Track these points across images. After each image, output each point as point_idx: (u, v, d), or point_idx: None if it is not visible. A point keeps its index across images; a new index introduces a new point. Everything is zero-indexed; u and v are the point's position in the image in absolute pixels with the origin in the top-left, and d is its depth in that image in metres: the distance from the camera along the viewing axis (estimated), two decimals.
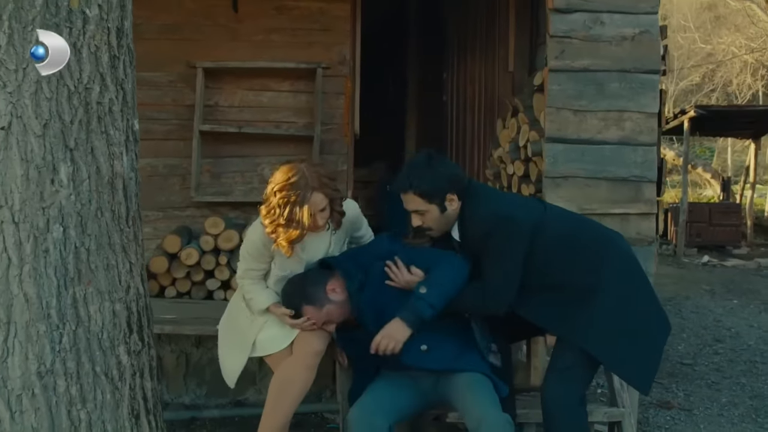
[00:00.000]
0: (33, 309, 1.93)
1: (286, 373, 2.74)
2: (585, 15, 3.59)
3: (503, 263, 2.53)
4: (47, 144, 1.95)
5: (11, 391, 1.92)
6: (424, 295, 2.50)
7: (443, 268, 2.58)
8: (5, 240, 1.92)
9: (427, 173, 2.60)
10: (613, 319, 2.58)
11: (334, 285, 2.62)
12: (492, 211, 2.57)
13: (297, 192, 2.51)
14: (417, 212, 2.64)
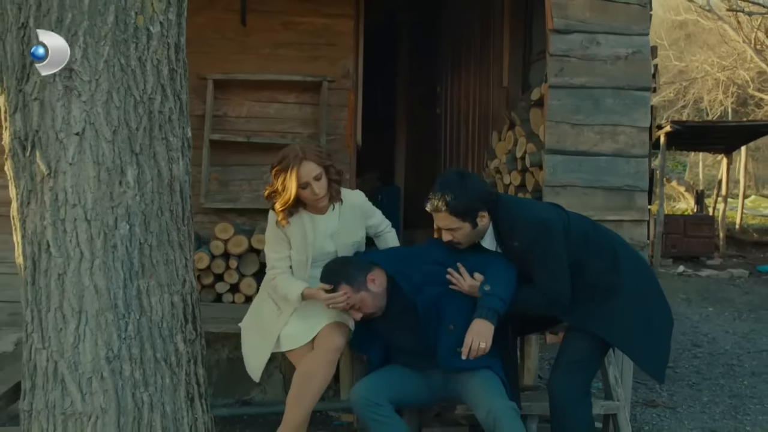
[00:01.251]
0: (102, 299, 2.11)
1: (308, 368, 2.91)
2: (582, 36, 3.84)
3: (553, 264, 2.73)
4: (116, 148, 2.14)
5: (82, 374, 2.10)
6: (490, 292, 2.68)
7: (497, 267, 2.78)
8: (78, 236, 2.10)
9: (461, 193, 2.74)
10: (632, 314, 2.82)
11: (375, 276, 2.81)
12: (529, 217, 2.76)
13: (287, 161, 2.78)
14: (450, 230, 2.79)
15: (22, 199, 2.18)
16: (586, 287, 2.80)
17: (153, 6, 2.22)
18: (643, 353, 2.90)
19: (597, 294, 2.81)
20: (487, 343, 2.63)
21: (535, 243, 2.72)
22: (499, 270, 2.77)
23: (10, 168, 2.23)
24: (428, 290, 2.79)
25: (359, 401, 2.80)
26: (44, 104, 2.11)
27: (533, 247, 2.73)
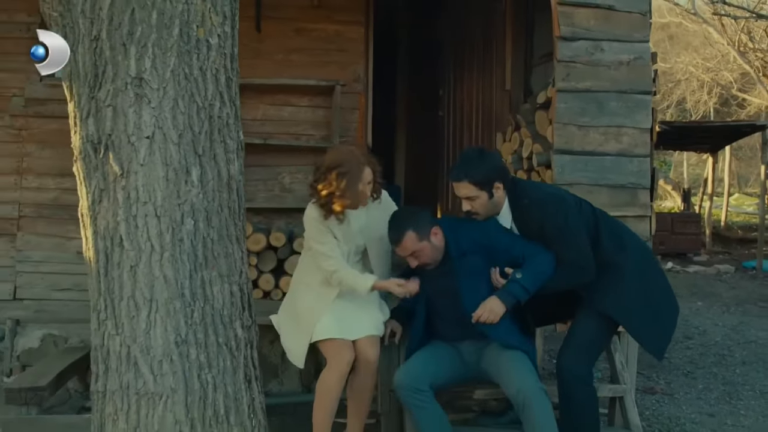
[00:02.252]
0: (171, 289, 2.31)
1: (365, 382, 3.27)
2: (587, 43, 4.07)
3: (571, 236, 3.01)
4: (182, 150, 2.34)
5: (153, 357, 2.29)
6: (520, 280, 2.96)
7: (538, 259, 3.02)
8: (149, 231, 2.30)
9: (480, 164, 3.08)
10: (637, 294, 3.07)
11: (438, 231, 3.08)
12: (545, 194, 3.10)
13: (350, 165, 3.02)
14: (468, 198, 3.09)
15: (94, 197, 2.37)
16: (597, 266, 3.04)
17: (212, 20, 2.42)
18: (644, 331, 3.15)
19: (605, 273, 3.05)
20: (494, 320, 2.96)
21: (552, 217, 3.00)
22: (538, 264, 3.02)
23: (81, 169, 2.42)
24: (472, 258, 3.06)
25: (404, 387, 3.06)
26: (117, 110, 2.30)
27: (550, 221, 3.01)
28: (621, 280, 3.07)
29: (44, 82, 5.04)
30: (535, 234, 3.07)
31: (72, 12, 2.40)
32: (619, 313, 3.08)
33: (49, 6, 2.50)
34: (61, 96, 4.95)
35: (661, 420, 4.51)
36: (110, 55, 2.31)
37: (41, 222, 5.01)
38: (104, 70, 2.32)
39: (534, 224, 3.06)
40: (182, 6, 2.36)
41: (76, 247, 4.96)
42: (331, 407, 3.24)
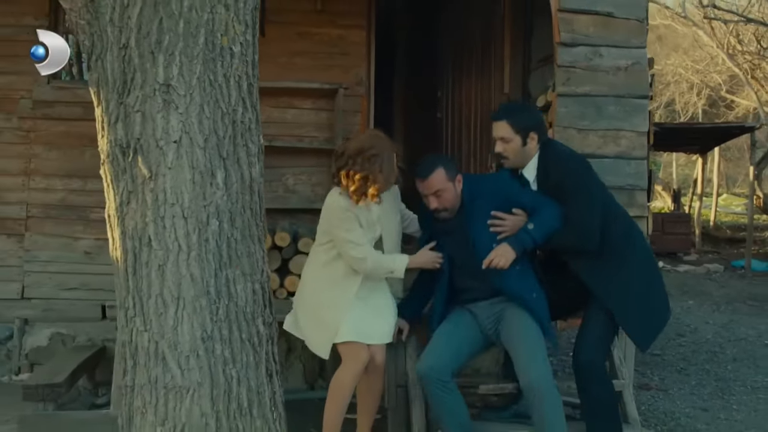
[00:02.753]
0: (197, 287, 2.41)
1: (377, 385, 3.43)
2: (586, 49, 4.19)
3: (585, 198, 3.19)
4: (207, 154, 2.44)
5: (181, 353, 2.39)
6: (530, 231, 3.15)
7: (548, 211, 3.21)
8: (176, 231, 2.40)
9: (522, 110, 3.43)
10: (637, 286, 3.22)
11: (461, 180, 3.29)
12: (571, 152, 3.37)
13: (380, 148, 3.17)
14: (502, 139, 3.31)
15: (122, 199, 2.46)
16: (604, 252, 3.20)
17: (234, 28, 2.52)
18: (633, 321, 3.28)
19: (610, 262, 3.21)
20: (505, 264, 3.12)
21: (573, 173, 3.22)
22: (548, 214, 3.22)
23: (109, 171, 2.52)
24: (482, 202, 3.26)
25: (429, 380, 3.20)
26: (146, 115, 2.40)
27: (570, 177, 3.21)
28: (624, 272, 3.21)
29: (52, 85, 5.13)
30: (553, 192, 3.25)
31: (100, 20, 2.49)
32: (614, 302, 3.21)
33: (77, 14, 2.59)
34: (68, 98, 5.10)
35: (657, 414, 4.65)
36: (139, 62, 2.41)
37: (49, 222, 5.09)
38: (133, 77, 2.41)
39: (554, 179, 3.24)
40: (207, 15, 2.45)
41: (83, 247, 5.09)
42: (344, 405, 3.35)
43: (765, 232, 14.24)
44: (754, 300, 9.16)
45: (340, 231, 3.20)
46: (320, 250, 3.35)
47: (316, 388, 4.87)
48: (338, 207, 3.20)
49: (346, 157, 3.18)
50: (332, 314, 3.23)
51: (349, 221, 3.18)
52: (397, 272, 3.23)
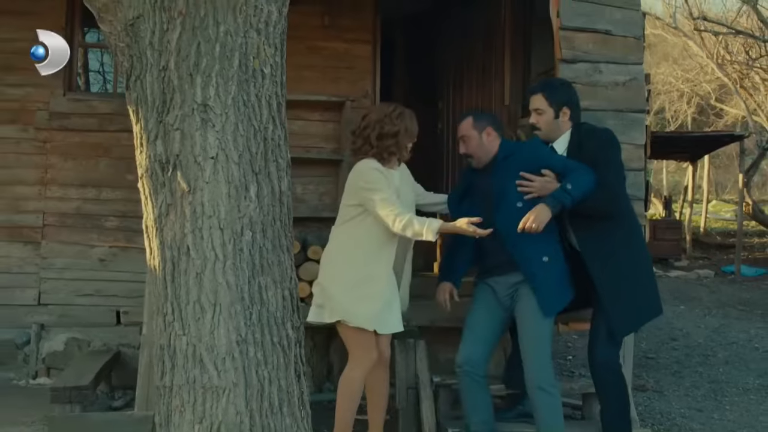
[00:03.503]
0: (232, 293, 2.57)
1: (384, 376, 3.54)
2: (586, 65, 4.39)
3: (617, 169, 3.55)
4: (241, 169, 2.61)
5: (217, 355, 2.55)
6: (569, 190, 3.35)
7: (582, 172, 3.45)
8: (213, 241, 2.56)
9: (558, 86, 3.78)
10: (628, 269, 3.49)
11: (491, 133, 3.62)
12: (607, 130, 3.68)
13: (401, 108, 3.52)
14: (537, 111, 3.62)
15: (160, 211, 2.63)
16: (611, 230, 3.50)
17: (265, 51, 2.70)
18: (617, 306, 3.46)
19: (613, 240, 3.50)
20: (538, 226, 3.27)
21: (607, 144, 3.55)
22: (584, 175, 3.43)
23: (147, 185, 2.68)
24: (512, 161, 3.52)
25: (464, 370, 3.49)
26: (184, 133, 2.56)
27: (603, 149, 3.52)
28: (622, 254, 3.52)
29: (67, 97, 5.28)
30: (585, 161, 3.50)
31: (139, 44, 2.66)
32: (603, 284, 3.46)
33: (116, 37, 2.76)
34: (83, 110, 5.26)
35: (653, 415, 4.84)
36: (178, 83, 2.58)
37: (64, 230, 5.25)
38: (172, 97, 2.58)
39: (588, 149, 3.52)
40: (241, 39, 2.63)
41: (97, 255, 5.24)
42: (355, 403, 3.49)
43: (754, 238, 14.52)
44: (744, 305, 9.39)
45: (374, 191, 3.33)
46: (349, 226, 3.43)
47: (324, 390, 5.03)
48: (372, 168, 3.39)
49: (375, 121, 3.46)
50: (376, 287, 3.37)
51: (383, 181, 3.35)
52: (427, 237, 3.24)
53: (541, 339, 3.40)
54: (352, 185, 3.47)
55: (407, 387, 4.03)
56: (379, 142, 3.43)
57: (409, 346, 4.03)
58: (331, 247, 3.51)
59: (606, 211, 3.48)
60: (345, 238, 3.45)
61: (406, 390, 4.04)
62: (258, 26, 2.68)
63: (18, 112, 5.23)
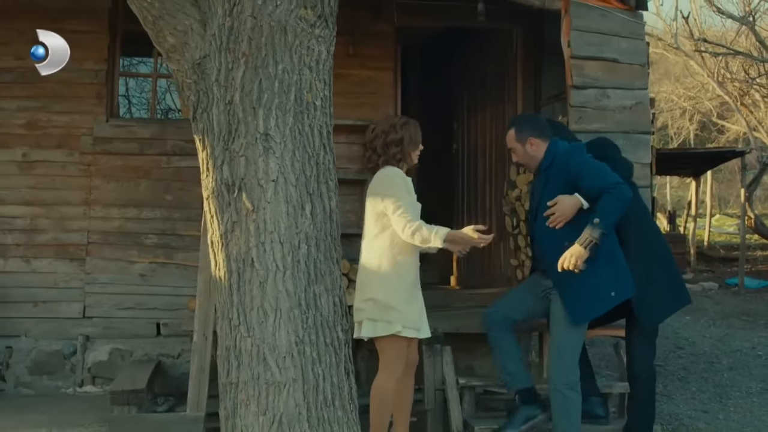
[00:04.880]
0: (291, 300, 2.92)
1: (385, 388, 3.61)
2: (596, 91, 4.76)
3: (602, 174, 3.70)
4: (298, 191, 2.96)
5: (278, 354, 2.90)
6: (597, 224, 3.45)
7: (609, 198, 3.51)
8: (274, 254, 2.92)
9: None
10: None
11: (535, 142, 3.83)
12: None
13: (405, 118, 3.77)
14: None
15: (226, 228, 2.98)
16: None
17: (316, 86, 3.07)
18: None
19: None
20: (577, 266, 3.44)
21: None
22: (608, 201, 3.50)
23: (213, 205, 3.04)
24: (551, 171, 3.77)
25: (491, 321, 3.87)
26: (249, 159, 2.92)
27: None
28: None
29: (110, 123, 5.65)
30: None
31: (206, 80, 3.04)
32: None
33: (183, 74, 3.13)
34: (125, 135, 5.64)
35: (662, 416, 5.15)
36: (242, 115, 2.94)
37: (107, 248, 5.58)
38: (237, 127, 2.95)
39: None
40: (296, 76, 3.00)
41: (138, 270, 5.58)
42: (390, 410, 3.66)
43: (757, 251, 14.82)
44: (748, 315, 9.68)
45: (392, 196, 3.50)
46: (387, 236, 3.55)
47: None
48: (398, 174, 3.60)
49: (381, 131, 3.69)
50: (419, 293, 3.64)
51: (402, 187, 3.56)
52: (435, 243, 3.42)
53: (565, 344, 3.67)
54: (376, 192, 3.61)
55: (435, 389, 4.36)
56: (385, 150, 3.64)
57: (436, 351, 4.37)
58: (372, 260, 3.57)
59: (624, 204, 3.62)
60: (386, 248, 3.54)
61: (434, 391, 4.37)
62: (310, 64, 3.06)
63: (64, 138, 5.57)
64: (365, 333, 3.54)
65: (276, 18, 2.97)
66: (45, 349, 5.45)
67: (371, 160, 3.75)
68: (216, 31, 3.02)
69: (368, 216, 3.66)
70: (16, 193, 5.50)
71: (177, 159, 5.62)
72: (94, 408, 4.74)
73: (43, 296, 5.49)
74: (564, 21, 4.78)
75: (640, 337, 3.95)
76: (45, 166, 5.56)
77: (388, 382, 3.59)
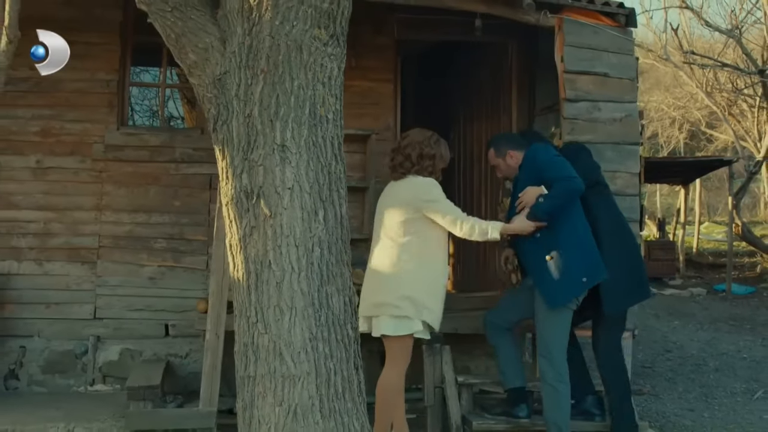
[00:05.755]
0: (305, 299, 3.14)
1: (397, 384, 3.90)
2: (587, 104, 5.02)
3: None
4: (312, 198, 3.19)
5: (294, 349, 3.11)
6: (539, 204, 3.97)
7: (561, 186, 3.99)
8: (290, 256, 3.14)
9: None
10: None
11: (514, 155, 4.29)
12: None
13: (442, 140, 4.11)
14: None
15: (245, 232, 3.20)
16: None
17: (329, 101, 3.30)
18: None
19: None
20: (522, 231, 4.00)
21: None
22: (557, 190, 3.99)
23: (232, 210, 3.25)
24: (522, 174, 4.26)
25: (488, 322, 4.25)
26: (267, 168, 3.15)
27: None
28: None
29: (121, 131, 5.86)
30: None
31: (226, 95, 3.26)
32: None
33: (204, 89, 3.36)
34: (135, 143, 5.87)
35: (650, 414, 5.40)
36: (261, 128, 3.17)
37: (117, 251, 5.78)
38: (256, 138, 3.17)
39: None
40: (311, 91, 3.23)
41: (147, 273, 5.79)
42: (396, 405, 3.90)
43: (744, 257, 15.13)
44: (734, 320, 9.97)
45: (438, 201, 3.90)
46: (417, 238, 3.88)
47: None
48: (433, 183, 3.96)
49: (416, 141, 4.02)
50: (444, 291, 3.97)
51: (442, 192, 3.95)
52: (494, 233, 3.90)
53: (549, 336, 3.98)
54: (409, 199, 3.92)
55: (434, 386, 4.59)
56: (419, 161, 3.97)
57: (436, 350, 4.60)
58: (402, 261, 3.85)
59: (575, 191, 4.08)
60: (417, 249, 3.84)
61: (434, 389, 4.59)
62: (323, 80, 3.29)
63: (77, 145, 5.77)
64: (385, 330, 3.83)
65: (292, 37, 3.20)
66: (57, 349, 5.64)
67: (403, 166, 4.04)
68: (236, 49, 3.25)
69: (392, 219, 3.96)
70: (30, 198, 5.69)
71: (185, 166, 5.84)
72: (106, 405, 4.94)
73: (55, 298, 5.68)
74: (558, 37, 5.05)
75: (606, 333, 4.26)
76: (58, 173, 5.76)
77: (398, 379, 3.86)
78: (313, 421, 3.11)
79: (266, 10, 3.20)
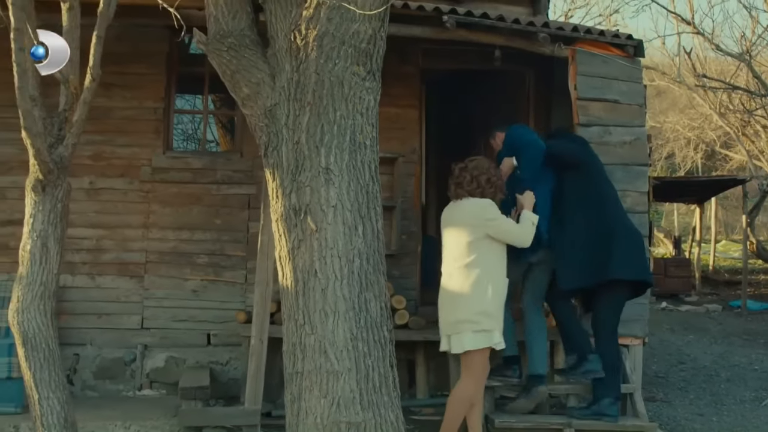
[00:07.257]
0: (347, 304, 3.56)
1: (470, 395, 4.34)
2: (599, 128, 5.43)
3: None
4: (353, 215, 3.62)
5: (337, 348, 3.52)
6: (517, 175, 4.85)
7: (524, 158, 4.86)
8: (334, 266, 3.56)
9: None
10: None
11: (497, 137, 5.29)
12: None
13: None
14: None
15: (293, 245, 3.63)
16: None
17: (366, 129, 3.73)
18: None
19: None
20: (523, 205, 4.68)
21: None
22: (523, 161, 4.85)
23: (281, 225, 3.68)
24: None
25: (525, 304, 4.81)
26: (313, 189, 3.58)
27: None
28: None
29: (167, 155, 6.34)
30: None
31: (276, 124, 3.71)
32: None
33: (256, 119, 3.81)
34: (180, 166, 6.36)
35: (662, 418, 5.74)
36: (308, 153, 3.61)
37: (163, 266, 6.24)
38: (303, 162, 3.61)
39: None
40: (351, 121, 3.67)
41: (190, 287, 6.24)
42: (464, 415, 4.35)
43: (760, 275, 15.36)
44: (748, 334, 10.24)
45: (499, 219, 4.38)
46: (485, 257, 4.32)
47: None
48: (491, 204, 4.41)
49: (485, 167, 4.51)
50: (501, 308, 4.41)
51: (499, 211, 4.44)
52: (532, 218, 4.52)
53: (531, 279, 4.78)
54: (472, 221, 4.36)
55: None
56: (487, 185, 4.42)
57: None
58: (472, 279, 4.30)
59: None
60: (484, 266, 4.29)
61: None
62: (362, 111, 3.72)
63: (126, 168, 6.26)
64: (468, 345, 4.28)
65: (335, 74, 3.64)
66: (108, 356, 6.10)
67: (469, 185, 4.45)
68: (285, 84, 3.70)
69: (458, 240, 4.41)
70: (83, 216, 6.16)
71: (225, 187, 6.31)
72: (155, 407, 5.38)
73: (106, 309, 6.15)
74: (571, 67, 5.47)
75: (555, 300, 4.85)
76: (109, 193, 6.25)
77: (473, 389, 4.28)
78: (353, 412, 3.51)
79: (312, 50, 3.65)
